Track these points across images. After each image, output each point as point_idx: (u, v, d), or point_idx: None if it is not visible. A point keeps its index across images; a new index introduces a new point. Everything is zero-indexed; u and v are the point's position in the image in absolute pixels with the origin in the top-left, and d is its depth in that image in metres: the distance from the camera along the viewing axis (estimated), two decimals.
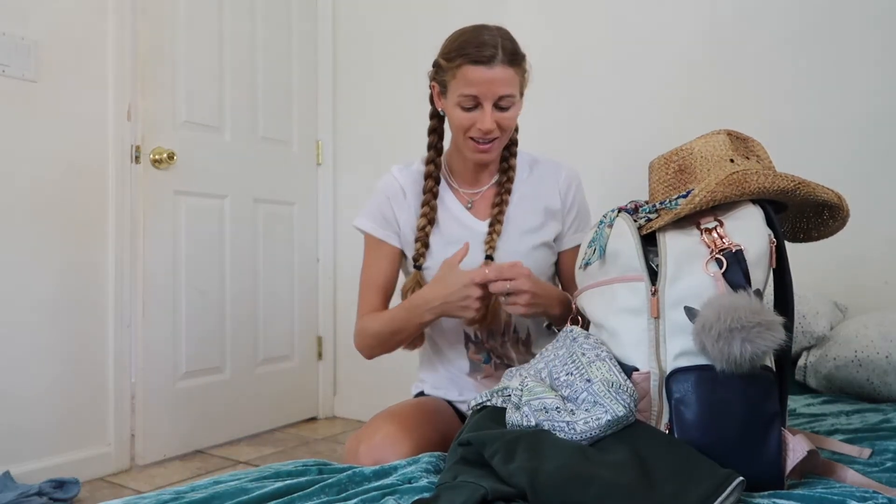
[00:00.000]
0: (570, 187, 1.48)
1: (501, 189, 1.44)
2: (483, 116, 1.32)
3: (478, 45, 1.29)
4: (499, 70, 1.29)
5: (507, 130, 1.37)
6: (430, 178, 1.45)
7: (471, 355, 1.45)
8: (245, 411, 2.73)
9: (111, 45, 2.27)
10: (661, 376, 0.95)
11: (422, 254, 1.42)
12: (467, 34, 1.33)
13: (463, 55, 1.30)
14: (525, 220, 1.44)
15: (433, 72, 1.39)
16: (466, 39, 1.32)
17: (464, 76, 1.30)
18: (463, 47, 1.31)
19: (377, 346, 1.44)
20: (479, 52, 1.29)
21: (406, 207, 1.46)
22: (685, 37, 2.30)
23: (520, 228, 1.43)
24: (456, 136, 1.41)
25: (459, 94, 1.32)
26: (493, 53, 1.29)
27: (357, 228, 1.48)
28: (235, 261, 2.69)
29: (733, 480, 0.81)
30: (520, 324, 1.44)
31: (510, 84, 1.32)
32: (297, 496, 0.90)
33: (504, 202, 1.42)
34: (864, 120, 2.03)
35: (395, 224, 1.46)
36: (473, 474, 0.88)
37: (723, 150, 1.07)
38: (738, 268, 0.94)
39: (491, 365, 1.44)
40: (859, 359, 1.63)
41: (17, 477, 2.00)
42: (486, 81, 1.29)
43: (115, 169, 2.28)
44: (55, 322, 2.15)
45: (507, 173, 1.45)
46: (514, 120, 1.38)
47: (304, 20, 3.00)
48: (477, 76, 1.29)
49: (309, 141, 3.04)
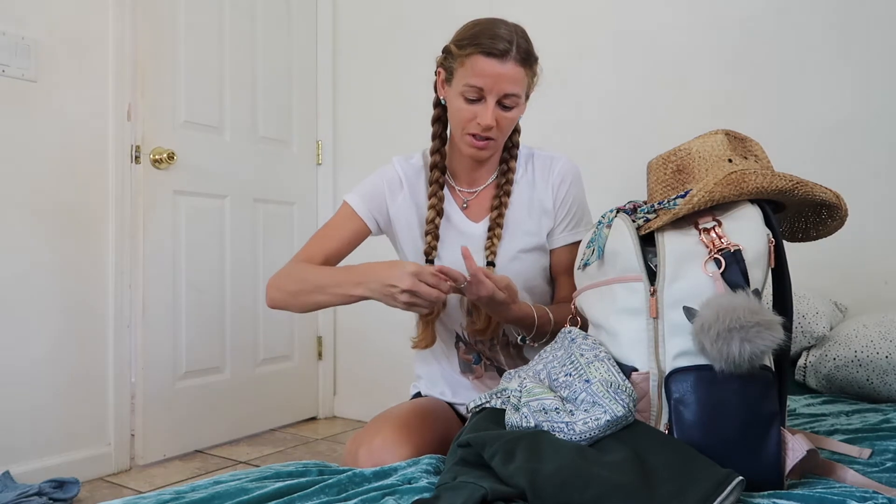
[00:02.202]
0: (563, 182, 1.41)
1: (500, 191, 1.40)
2: (485, 111, 1.28)
3: (493, 37, 1.26)
4: (510, 66, 1.26)
5: (505, 131, 1.34)
6: (437, 168, 1.41)
7: (462, 355, 1.45)
8: (245, 411, 2.73)
9: (111, 45, 2.27)
10: (661, 376, 0.95)
11: (433, 246, 1.39)
12: (483, 24, 1.30)
13: (476, 44, 1.26)
14: (519, 222, 1.41)
15: (442, 57, 1.36)
16: (482, 29, 1.28)
17: (473, 66, 1.27)
18: (477, 36, 1.27)
19: (293, 293, 1.34)
20: (494, 44, 1.25)
21: (401, 199, 1.43)
22: (685, 36, 2.30)
23: (513, 231, 1.40)
24: (454, 128, 1.37)
25: (465, 83, 1.28)
26: (507, 48, 1.25)
27: (344, 201, 1.45)
28: (235, 261, 2.69)
29: (733, 480, 0.81)
30: (510, 328, 1.40)
31: (518, 83, 1.29)
32: (298, 496, 0.90)
33: (503, 205, 1.39)
34: (863, 119, 2.03)
35: (383, 211, 1.43)
36: (473, 475, 0.88)
37: (721, 150, 1.07)
38: (737, 268, 0.94)
39: (481, 366, 1.43)
40: (859, 359, 1.63)
41: (17, 477, 2.00)
42: (494, 75, 1.26)
43: (115, 169, 2.28)
44: (55, 322, 2.15)
45: (507, 175, 1.41)
46: (514, 121, 1.34)
47: (304, 20, 3.00)
48: (487, 68, 1.26)
49: (309, 141, 3.04)
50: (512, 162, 1.43)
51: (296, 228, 2.97)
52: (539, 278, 1.43)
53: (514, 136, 1.43)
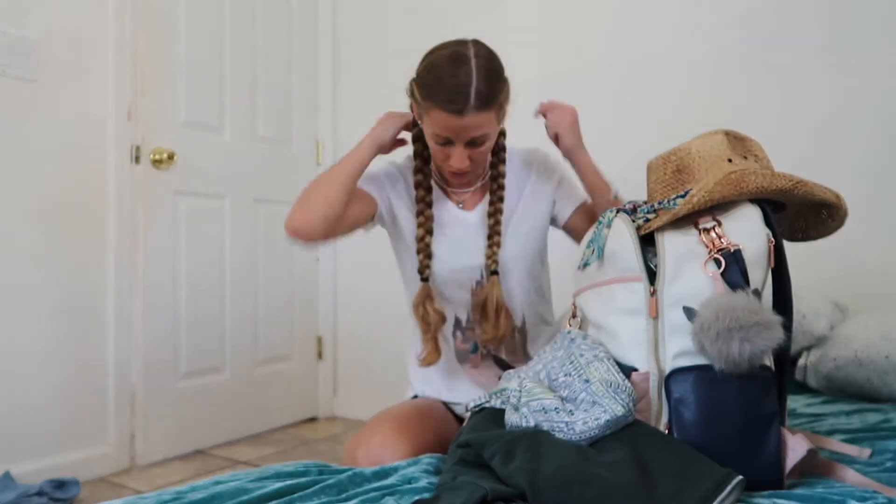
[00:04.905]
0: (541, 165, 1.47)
1: (494, 197, 1.41)
2: (455, 154, 1.29)
3: (449, 92, 1.22)
4: (470, 118, 1.23)
5: (482, 161, 1.37)
6: (420, 187, 1.42)
7: (458, 345, 1.46)
8: (245, 411, 2.73)
9: (111, 45, 2.27)
10: (660, 376, 0.95)
11: (426, 265, 1.39)
12: (442, 70, 1.25)
13: (433, 99, 1.24)
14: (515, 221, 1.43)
15: (410, 91, 1.34)
16: (439, 80, 1.24)
17: (435, 118, 1.26)
18: (434, 90, 1.24)
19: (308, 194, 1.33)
20: (450, 100, 1.22)
21: (401, 192, 1.45)
22: (685, 36, 2.30)
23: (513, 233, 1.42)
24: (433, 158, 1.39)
25: (432, 131, 1.29)
26: (463, 104, 1.22)
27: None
28: (235, 261, 2.69)
29: (732, 480, 0.81)
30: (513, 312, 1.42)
31: (483, 126, 1.26)
32: (298, 496, 0.90)
33: (498, 211, 1.40)
34: (863, 119, 2.03)
35: (385, 195, 1.44)
36: (473, 475, 0.88)
37: (721, 150, 1.07)
38: (737, 268, 0.94)
39: (478, 355, 1.44)
40: (859, 359, 1.63)
41: (17, 477, 2.00)
42: (455, 128, 1.25)
43: (116, 169, 2.28)
44: (55, 322, 2.15)
45: (498, 181, 1.42)
46: (488, 151, 1.35)
47: (304, 20, 3.00)
48: (447, 122, 1.25)
49: (309, 141, 3.04)
50: (501, 166, 1.43)
51: None
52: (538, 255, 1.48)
53: (499, 139, 1.43)
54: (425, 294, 1.38)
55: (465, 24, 2.65)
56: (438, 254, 1.41)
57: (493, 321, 1.36)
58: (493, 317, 1.36)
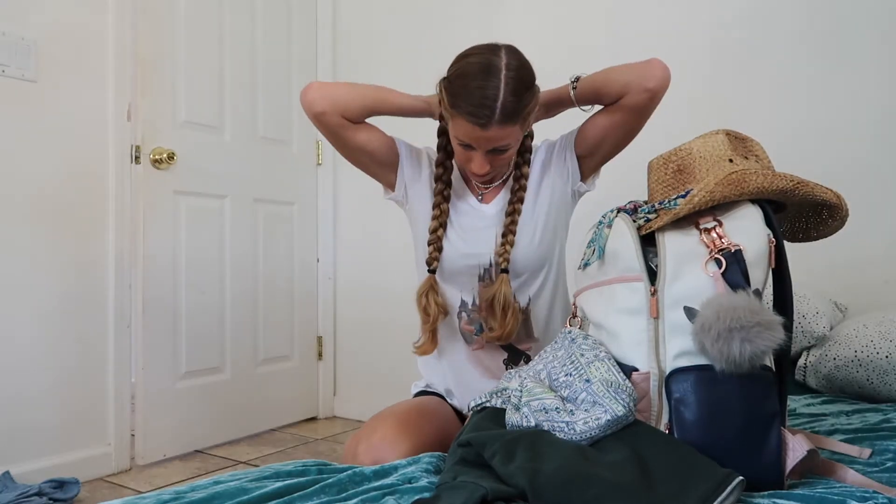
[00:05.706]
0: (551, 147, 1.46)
1: (514, 197, 1.40)
2: (476, 159, 1.29)
3: (475, 105, 1.21)
4: (494, 130, 1.23)
5: (504, 166, 1.38)
6: (440, 180, 1.42)
7: (463, 326, 1.46)
8: (245, 411, 2.73)
9: (111, 45, 2.27)
10: (661, 376, 0.95)
11: (435, 257, 1.40)
12: (470, 80, 1.22)
13: (459, 107, 1.23)
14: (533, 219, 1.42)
15: (438, 90, 1.31)
16: (467, 89, 1.22)
17: (460, 125, 1.25)
18: (461, 99, 1.23)
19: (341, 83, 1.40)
20: (475, 113, 1.21)
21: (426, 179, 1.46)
22: (685, 36, 2.30)
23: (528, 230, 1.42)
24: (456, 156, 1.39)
25: (455, 134, 1.29)
26: (488, 118, 1.21)
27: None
28: (235, 261, 2.69)
29: (733, 480, 0.81)
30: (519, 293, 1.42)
31: (506, 138, 1.26)
32: (297, 496, 0.90)
33: (516, 211, 1.40)
34: (864, 120, 2.03)
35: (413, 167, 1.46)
36: (473, 474, 0.88)
37: (721, 150, 1.07)
38: (738, 268, 0.94)
39: (482, 337, 1.44)
40: (859, 359, 1.63)
41: (17, 477, 2.00)
42: (479, 138, 1.25)
43: (115, 169, 2.28)
44: (55, 322, 2.15)
45: (520, 181, 1.41)
46: (510, 157, 1.35)
47: (304, 20, 3.00)
48: (471, 132, 1.24)
49: (309, 141, 3.04)
50: (525, 167, 1.43)
51: (296, 228, 2.97)
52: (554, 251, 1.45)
53: (525, 141, 1.43)
54: (429, 285, 1.40)
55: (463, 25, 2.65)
56: (451, 237, 1.42)
57: (501, 319, 1.36)
58: (501, 315, 1.36)
